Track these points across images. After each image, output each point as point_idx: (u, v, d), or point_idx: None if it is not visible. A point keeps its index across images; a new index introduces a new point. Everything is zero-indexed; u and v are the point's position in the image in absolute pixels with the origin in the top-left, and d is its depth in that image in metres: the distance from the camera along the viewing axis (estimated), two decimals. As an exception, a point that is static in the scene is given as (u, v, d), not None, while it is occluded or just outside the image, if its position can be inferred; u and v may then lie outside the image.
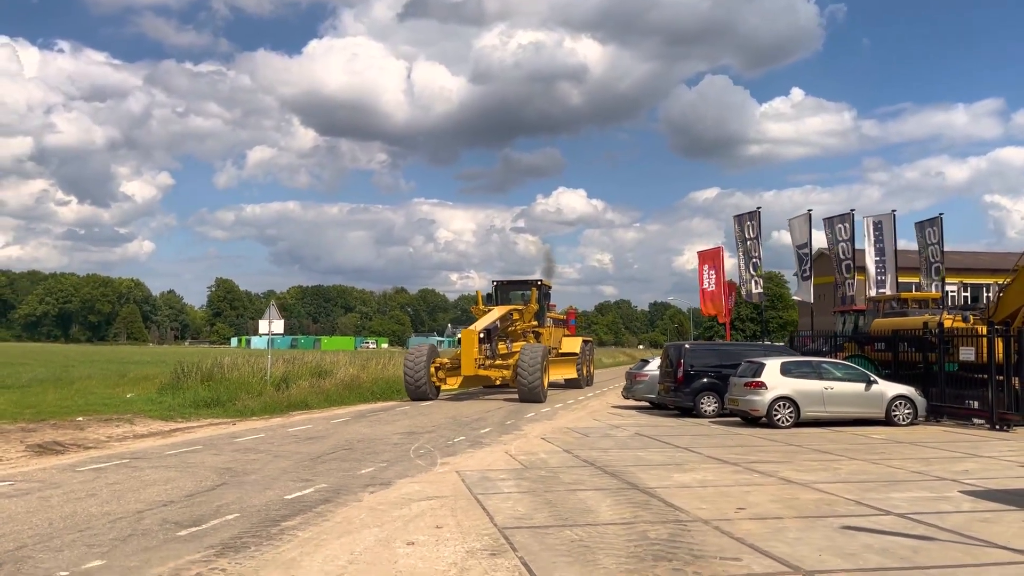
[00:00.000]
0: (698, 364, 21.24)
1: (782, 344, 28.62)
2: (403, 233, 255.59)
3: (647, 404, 24.18)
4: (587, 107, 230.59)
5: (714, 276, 36.16)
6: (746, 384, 18.45)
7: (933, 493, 10.07)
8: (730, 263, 37.15)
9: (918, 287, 31.48)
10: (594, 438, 16.15)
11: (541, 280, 31.81)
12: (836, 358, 22.80)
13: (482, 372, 26.55)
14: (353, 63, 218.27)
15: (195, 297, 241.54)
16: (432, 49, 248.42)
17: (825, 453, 13.88)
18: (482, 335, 26.74)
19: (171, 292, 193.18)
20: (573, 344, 33.55)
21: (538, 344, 27.49)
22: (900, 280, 30.07)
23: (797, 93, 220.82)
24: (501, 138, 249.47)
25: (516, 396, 25.78)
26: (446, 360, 27.21)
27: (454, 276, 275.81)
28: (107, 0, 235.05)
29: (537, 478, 11.12)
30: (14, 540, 7.41)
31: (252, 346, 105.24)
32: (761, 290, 31.88)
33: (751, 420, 18.56)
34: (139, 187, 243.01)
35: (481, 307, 29.95)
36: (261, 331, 26.36)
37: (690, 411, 21.03)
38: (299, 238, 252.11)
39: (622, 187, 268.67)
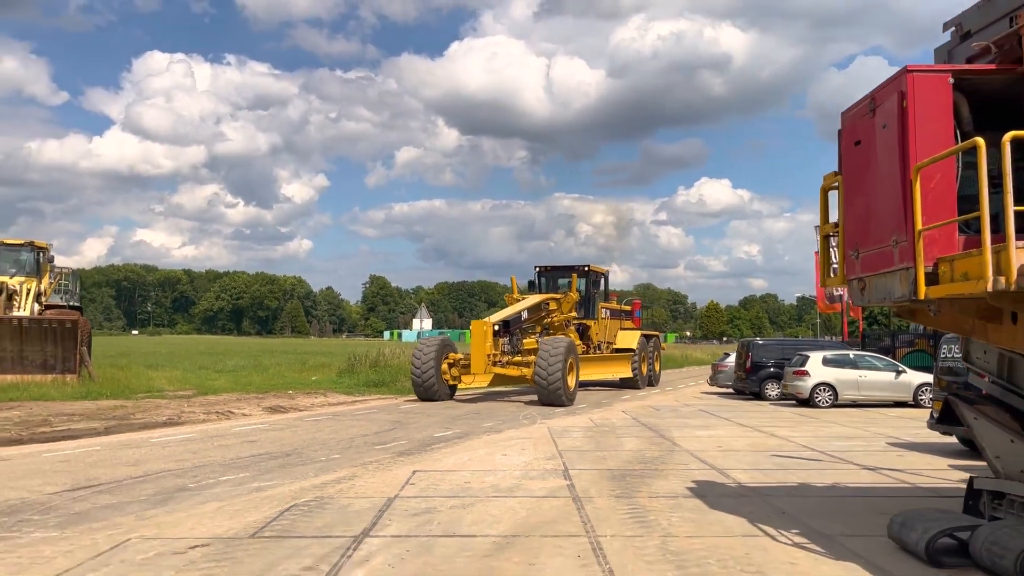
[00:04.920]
0: (764, 356, 25.75)
1: (839, 340, 32.26)
2: (544, 228, 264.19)
3: (730, 391, 28.73)
4: (730, 95, 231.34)
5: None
6: (794, 372, 22.90)
7: (864, 443, 14.63)
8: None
9: None
10: (662, 411, 21.13)
11: (589, 266, 28.50)
12: (898, 353, 26.71)
13: (497, 370, 22.88)
14: (493, 62, 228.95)
15: (350, 292, 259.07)
16: (570, 45, 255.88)
17: (830, 423, 18.35)
18: (497, 327, 23.19)
19: (329, 288, 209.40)
20: (630, 339, 29.89)
21: (561, 337, 23.24)
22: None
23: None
24: (641, 130, 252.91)
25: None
26: (460, 356, 23.64)
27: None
28: (266, 16, 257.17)
29: (598, 431, 16.38)
30: (290, 446, 13.46)
31: (403, 339, 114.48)
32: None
33: (801, 402, 22.97)
34: (298, 189, 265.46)
35: (515, 295, 26.66)
36: (414, 327, 32.66)
37: (757, 395, 25.56)
38: (445, 234, 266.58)
39: (769, 176, 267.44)
